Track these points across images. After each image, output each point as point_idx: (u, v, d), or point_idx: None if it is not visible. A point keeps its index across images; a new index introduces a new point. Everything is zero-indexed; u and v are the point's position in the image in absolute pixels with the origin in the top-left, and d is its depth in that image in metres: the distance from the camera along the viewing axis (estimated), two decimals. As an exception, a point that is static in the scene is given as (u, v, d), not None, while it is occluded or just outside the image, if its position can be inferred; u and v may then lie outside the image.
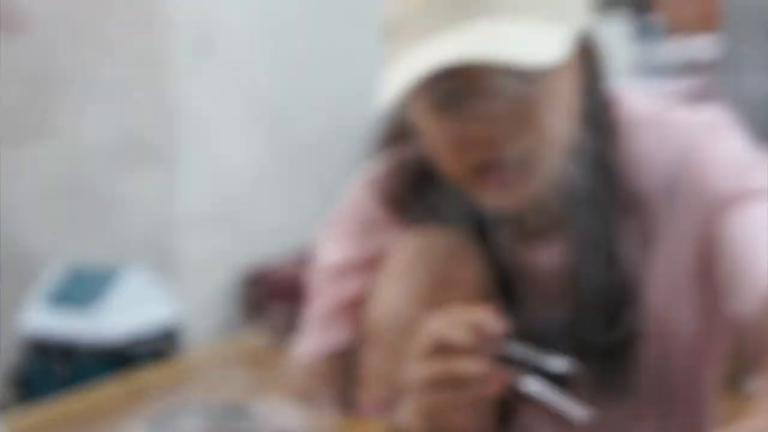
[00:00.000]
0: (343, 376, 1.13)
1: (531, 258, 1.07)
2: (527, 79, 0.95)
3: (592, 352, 1.04)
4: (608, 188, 1.05)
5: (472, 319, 0.91)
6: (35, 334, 2.89)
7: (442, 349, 0.90)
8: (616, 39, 4.48)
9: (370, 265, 1.11)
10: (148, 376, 1.27)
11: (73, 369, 2.74)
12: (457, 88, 0.95)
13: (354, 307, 1.11)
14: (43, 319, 2.89)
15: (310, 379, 1.13)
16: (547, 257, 1.07)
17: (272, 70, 3.26)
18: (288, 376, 1.15)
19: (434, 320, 0.92)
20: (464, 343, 0.90)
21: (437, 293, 1.03)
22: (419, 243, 1.08)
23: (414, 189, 1.10)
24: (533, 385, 0.92)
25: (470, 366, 0.89)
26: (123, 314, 2.86)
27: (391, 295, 1.07)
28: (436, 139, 0.99)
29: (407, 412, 0.97)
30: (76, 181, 3.09)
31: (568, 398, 0.91)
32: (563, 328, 1.06)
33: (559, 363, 0.92)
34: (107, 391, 1.24)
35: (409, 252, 1.08)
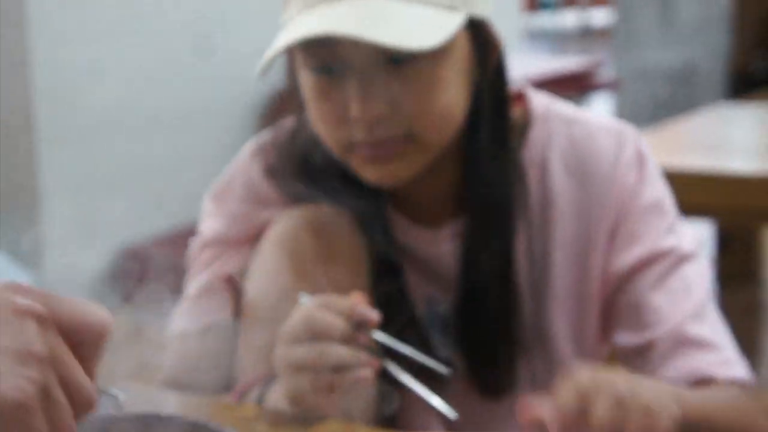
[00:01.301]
0: (218, 353, 1.08)
1: (421, 242, 1.04)
2: (407, 58, 0.92)
3: (471, 349, 1.02)
4: (507, 177, 1.02)
5: (345, 305, 0.88)
6: None
7: (313, 334, 0.88)
8: (511, 7, 4.40)
9: (251, 239, 1.06)
10: None
11: None
12: (334, 59, 0.93)
13: (233, 282, 1.06)
14: None
15: (185, 355, 1.08)
16: (437, 243, 1.04)
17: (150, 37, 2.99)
18: (163, 356, 1.08)
19: (307, 305, 0.90)
20: (336, 329, 0.87)
21: (312, 270, 0.99)
22: (297, 219, 1.03)
23: (300, 163, 1.05)
24: (402, 376, 0.90)
25: (341, 351, 0.87)
26: None
27: (266, 271, 1.02)
28: (316, 111, 0.96)
29: (276, 393, 0.94)
30: None
31: (436, 395, 0.89)
32: (445, 319, 1.04)
33: (434, 363, 0.91)
34: None
35: (285, 227, 1.03)
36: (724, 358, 0.97)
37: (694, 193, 1.94)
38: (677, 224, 1.03)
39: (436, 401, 0.88)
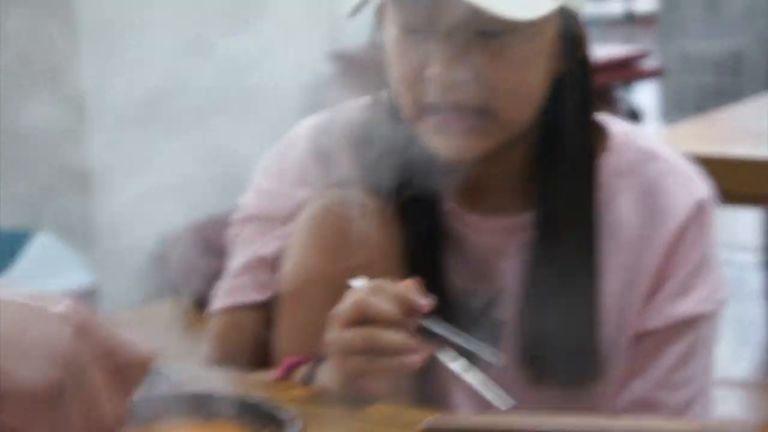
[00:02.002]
0: (256, 333, 1.08)
1: (473, 231, 1.02)
2: (497, 33, 0.92)
3: (523, 345, 1.01)
4: (586, 176, 1.01)
5: (397, 291, 0.89)
6: None
7: (366, 318, 0.88)
8: None
9: (291, 218, 1.04)
10: None
11: None
12: (425, 19, 0.92)
13: (272, 263, 1.05)
14: None
15: (226, 334, 1.09)
16: (492, 234, 1.02)
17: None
18: (207, 337, 1.10)
19: (360, 288, 0.91)
20: (388, 314, 0.88)
21: (339, 252, 0.99)
22: (328, 200, 1.02)
23: (356, 144, 1.04)
24: (453, 363, 0.91)
25: (392, 337, 0.88)
26: (34, 280, 2.55)
27: (296, 251, 1.02)
28: (398, 68, 0.95)
29: (326, 375, 0.95)
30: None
31: (487, 381, 0.90)
32: (487, 312, 1.03)
33: (486, 351, 0.91)
34: None
35: (316, 208, 1.02)
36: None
37: (742, 181, 1.96)
38: (712, 272, 1.03)
39: (489, 389, 0.89)
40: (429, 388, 1.00)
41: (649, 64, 4.52)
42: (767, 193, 2.08)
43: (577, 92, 1.00)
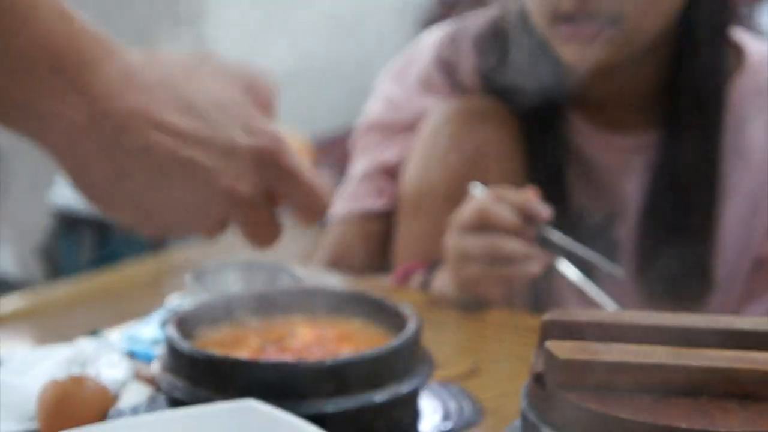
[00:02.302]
0: (375, 238, 1.09)
1: (597, 148, 1.01)
2: None
3: (639, 263, 1.00)
4: (716, 99, 0.98)
5: (518, 199, 0.89)
6: (64, 209, 2.62)
7: (486, 225, 0.88)
8: None
9: (413, 126, 1.05)
10: (178, 253, 1.17)
11: (105, 246, 2.56)
12: None
13: (393, 170, 1.07)
14: (72, 194, 2.26)
15: (346, 240, 1.10)
16: (618, 152, 1.01)
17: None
18: (327, 241, 1.12)
19: (481, 195, 0.91)
20: (509, 222, 0.88)
21: (468, 164, 0.99)
22: (453, 110, 1.01)
23: (480, 56, 1.03)
24: (571, 273, 0.91)
25: (512, 244, 0.88)
26: None
27: (418, 160, 1.02)
28: None
29: (443, 281, 0.96)
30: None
31: (603, 293, 0.90)
32: (606, 228, 1.02)
33: (607, 264, 0.91)
34: (138, 267, 1.12)
35: (440, 118, 1.01)
36: None
37: None
38: None
39: (605, 300, 0.90)
40: (545, 296, 1.00)
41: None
42: None
43: (713, 5, 0.97)
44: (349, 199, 1.10)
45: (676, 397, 0.56)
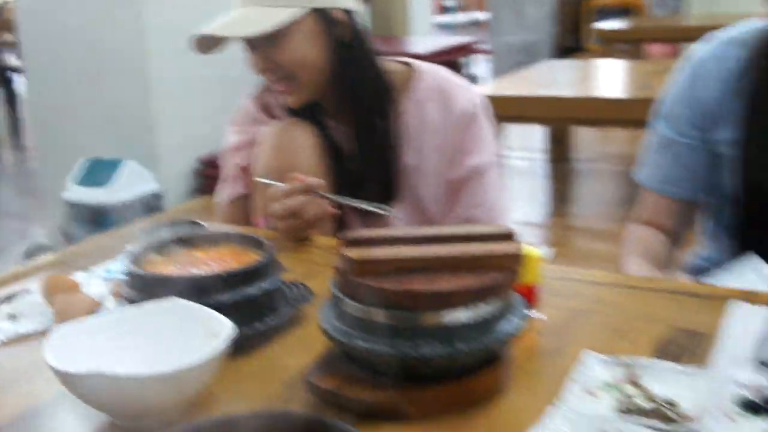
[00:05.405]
0: (244, 209, 1.59)
1: (339, 134, 1.51)
2: (268, 38, 1.38)
3: (373, 193, 1.46)
4: (385, 100, 1.48)
5: (291, 179, 1.33)
6: (74, 202, 3.81)
7: (273, 197, 1.32)
8: (426, 9, 6.11)
9: (253, 144, 1.54)
10: (144, 223, 1.60)
11: (98, 223, 3.67)
12: (246, 40, 1.42)
13: (246, 170, 1.55)
14: (78, 193, 3.85)
15: (228, 211, 1.60)
16: (344, 133, 1.50)
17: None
18: (218, 214, 1.64)
19: (264, 181, 1.35)
20: (283, 191, 1.31)
21: (286, 157, 1.44)
22: (275, 129, 1.48)
23: (277, 98, 1.53)
24: (350, 203, 1.35)
25: (299, 200, 1.31)
26: (126, 189, 3.77)
27: (257, 160, 1.48)
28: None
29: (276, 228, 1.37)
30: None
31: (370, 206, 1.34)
32: (359, 177, 1.49)
33: (377, 206, 1.34)
34: (117, 233, 1.56)
35: (268, 134, 1.48)
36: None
37: (530, 108, 3.14)
38: (489, 140, 1.51)
39: (375, 207, 1.34)
40: (341, 228, 1.49)
41: (483, 47, 6.48)
42: (544, 116, 3.36)
43: (358, 49, 1.46)
44: (227, 189, 1.62)
45: (418, 273, 0.80)
